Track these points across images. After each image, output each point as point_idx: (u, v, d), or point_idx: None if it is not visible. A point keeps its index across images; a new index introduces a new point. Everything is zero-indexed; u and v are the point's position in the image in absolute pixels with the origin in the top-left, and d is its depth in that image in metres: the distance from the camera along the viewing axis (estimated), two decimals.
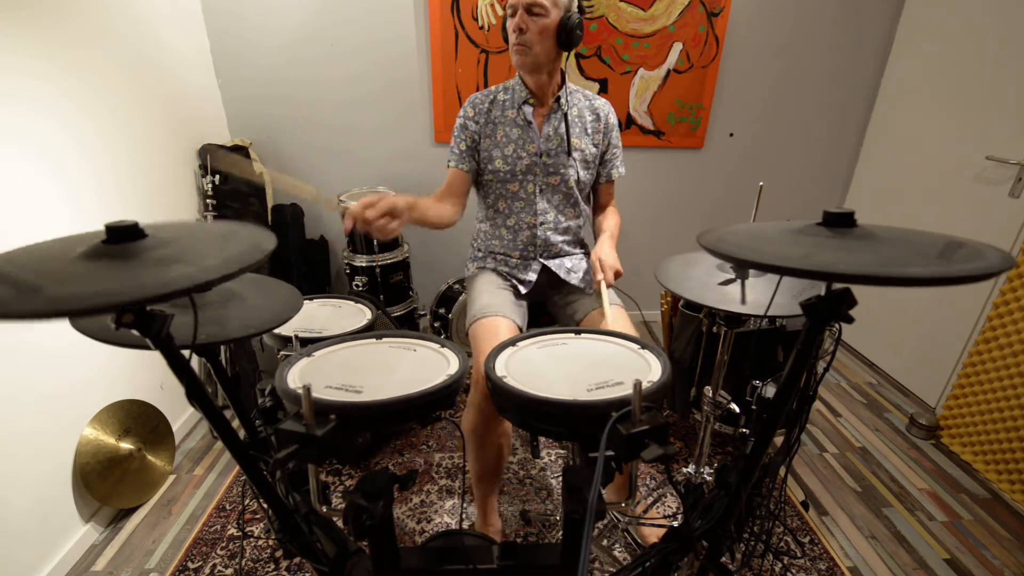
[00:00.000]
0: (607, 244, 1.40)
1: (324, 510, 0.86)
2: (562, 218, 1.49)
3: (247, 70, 2.25)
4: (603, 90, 2.41)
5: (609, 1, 2.25)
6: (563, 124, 1.41)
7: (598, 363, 0.90)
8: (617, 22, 2.29)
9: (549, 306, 1.57)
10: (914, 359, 2.31)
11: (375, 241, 2.15)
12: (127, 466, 1.59)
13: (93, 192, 1.55)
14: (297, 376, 0.86)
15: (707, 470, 1.49)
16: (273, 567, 1.43)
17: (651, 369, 0.87)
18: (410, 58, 2.29)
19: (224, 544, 1.50)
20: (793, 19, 2.36)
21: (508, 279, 1.52)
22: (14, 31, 1.30)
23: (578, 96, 1.46)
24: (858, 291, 0.60)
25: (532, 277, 1.50)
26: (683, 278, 1.12)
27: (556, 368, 0.89)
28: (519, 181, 1.43)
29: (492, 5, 2.20)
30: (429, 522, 1.60)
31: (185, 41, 2.05)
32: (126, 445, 1.59)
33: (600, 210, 1.58)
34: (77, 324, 0.77)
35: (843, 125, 2.60)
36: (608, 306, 1.27)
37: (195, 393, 0.69)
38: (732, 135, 2.58)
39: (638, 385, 0.69)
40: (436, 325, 2.21)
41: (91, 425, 1.51)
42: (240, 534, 1.54)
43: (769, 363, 1.64)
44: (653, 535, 1.46)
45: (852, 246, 0.61)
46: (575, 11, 1.29)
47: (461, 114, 1.45)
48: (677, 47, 2.35)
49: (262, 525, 1.57)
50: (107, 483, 1.52)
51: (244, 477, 0.77)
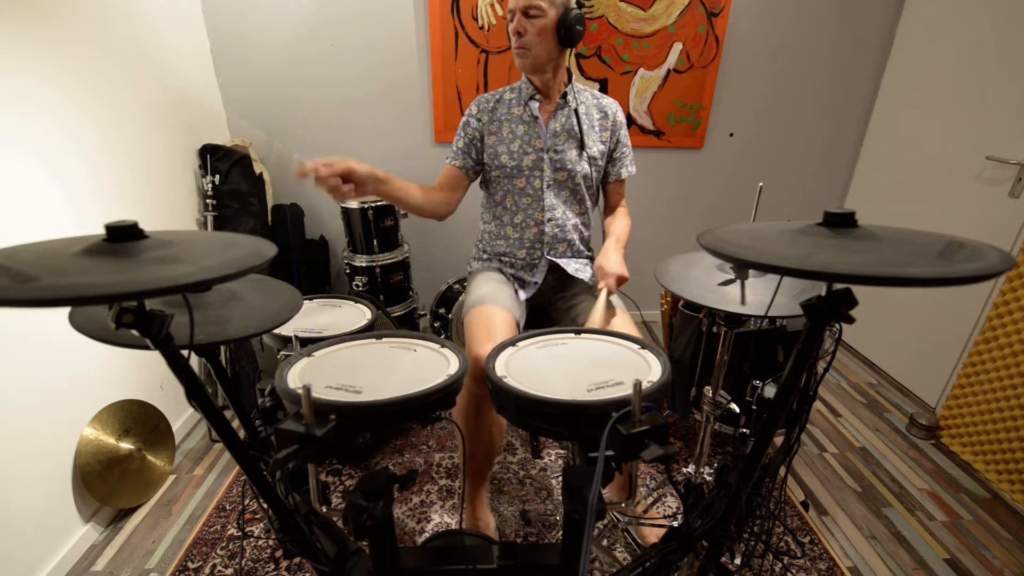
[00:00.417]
0: (612, 249, 1.36)
1: (324, 510, 0.86)
2: (570, 214, 1.49)
3: (247, 70, 2.25)
4: (603, 90, 2.41)
5: (609, 1, 2.25)
6: (570, 120, 1.42)
7: (598, 363, 0.90)
8: (617, 22, 2.29)
9: (551, 309, 1.57)
10: (914, 359, 2.31)
11: (375, 241, 2.15)
12: (127, 466, 1.59)
13: (93, 192, 1.55)
14: (297, 376, 0.86)
15: (707, 470, 1.49)
16: (273, 567, 1.43)
17: (651, 369, 0.87)
18: (410, 58, 2.29)
19: (224, 544, 1.50)
20: (793, 19, 2.36)
21: (511, 280, 1.51)
22: (14, 31, 1.30)
23: (585, 95, 1.46)
24: (858, 291, 0.60)
25: (539, 278, 1.50)
26: (683, 278, 1.12)
27: (556, 368, 0.89)
28: (526, 177, 1.44)
29: (492, 5, 2.20)
30: (429, 522, 1.60)
31: (185, 41, 2.05)
32: (126, 445, 1.59)
33: (610, 211, 1.56)
34: (77, 323, 0.77)
35: (843, 125, 2.60)
36: (601, 311, 1.22)
37: (195, 393, 0.69)
38: (732, 135, 2.58)
39: (638, 385, 0.69)
40: (436, 325, 2.21)
41: (91, 425, 1.51)
42: (240, 534, 1.54)
43: (769, 363, 1.64)
44: (653, 535, 1.45)
45: (852, 246, 0.61)
46: (573, 6, 1.29)
47: (466, 112, 1.47)
48: (677, 47, 2.35)
49: (262, 525, 1.57)
50: (107, 483, 1.52)
51: (244, 477, 0.77)
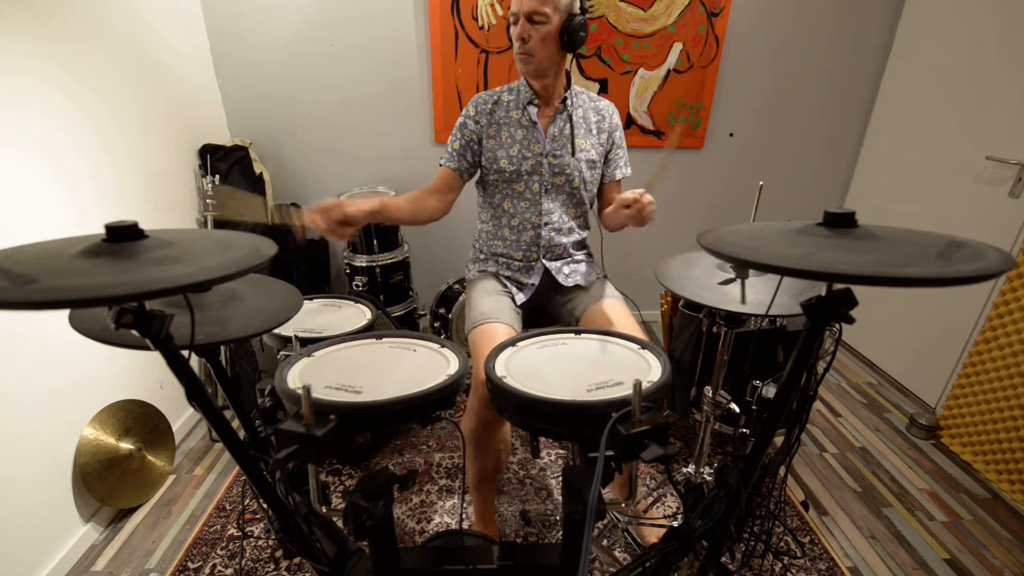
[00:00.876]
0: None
1: (324, 510, 0.86)
2: (567, 218, 1.49)
3: (247, 70, 2.25)
4: (603, 90, 2.41)
5: (609, 1, 2.25)
6: (568, 125, 1.41)
7: (598, 363, 0.90)
8: (617, 22, 2.29)
9: (551, 307, 1.57)
10: (914, 359, 2.31)
11: (375, 241, 2.15)
12: (127, 466, 1.58)
13: (93, 192, 1.55)
14: (297, 376, 0.86)
15: (707, 470, 1.49)
16: (273, 567, 1.43)
17: (651, 369, 0.87)
18: (410, 58, 2.29)
19: (224, 544, 1.50)
20: (793, 19, 2.36)
21: (507, 285, 1.51)
22: (14, 31, 1.30)
23: (583, 97, 1.46)
24: (858, 291, 0.60)
25: (535, 281, 1.50)
26: (683, 278, 1.12)
27: (556, 368, 0.89)
28: (524, 181, 1.44)
29: (492, 5, 2.20)
30: (429, 522, 1.60)
31: (185, 41, 2.05)
32: (126, 445, 1.59)
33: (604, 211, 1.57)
34: (77, 324, 0.77)
35: (843, 125, 2.60)
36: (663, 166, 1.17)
37: (195, 393, 0.69)
38: (732, 135, 2.58)
39: (638, 385, 0.69)
40: (436, 325, 2.21)
41: (91, 425, 1.51)
42: (240, 534, 1.54)
43: (769, 363, 1.64)
44: (653, 535, 1.45)
45: (852, 246, 0.61)
46: (578, 12, 1.29)
47: (463, 112, 1.46)
48: (677, 47, 2.35)
49: (262, 525, 1.57)
50: (107, 483, 1.52)
51: (244, 477, 0.77)
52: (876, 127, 2.55)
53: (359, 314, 1.40)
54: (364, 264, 2.17)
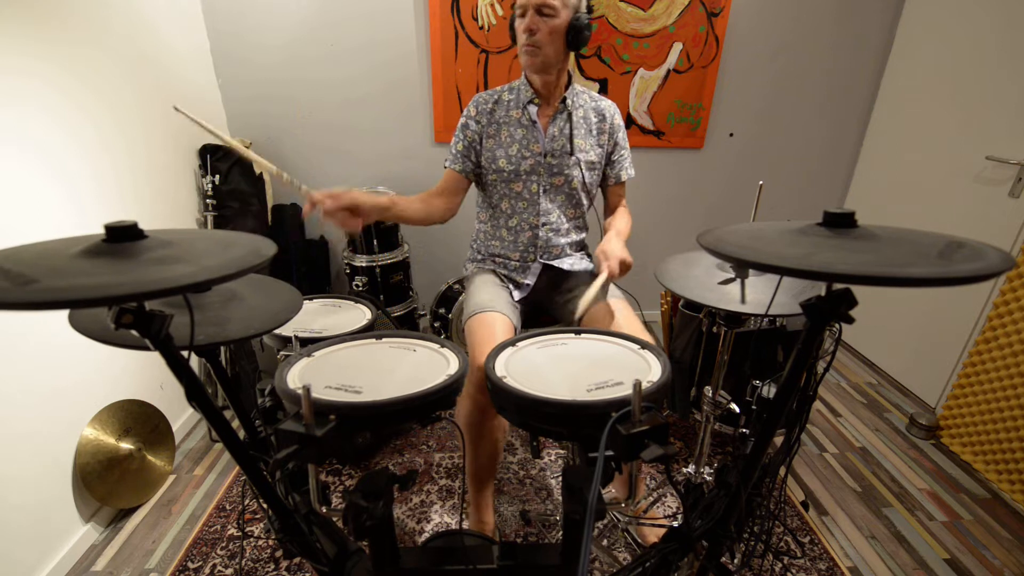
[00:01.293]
0: (614, 238, 1.35)
1: (324, 510, 0.86)
2: (564, 219, 1.49)
3: (247, 70, 2.25)
4: (603, 90, 2.41)
5: (609, 1, 2.25)
6: (568, 125, 1.41)
7: (598, 363, 0.90)
8: (617, 22, 2.29)
9: (549, 306, 1.57)
10: (914, 359, 2.31)
11: (375, 241, 2.15)
12: (127, 466, 1.59)
13: (93, 192, 1.55)
14: (297, 376, 0.86)
15: (707, 470, 1.49)
16: (273, 567, 1.43)
17: (651, 369, 0.87)
18: (410, 58, 2.29)
19: (224, 544, 1.50)
20: (793, 19, 2.36)
21: (506, 281, 1.51)
22: (14, 31, 1.30)
23: (584, 97, 1.46)
24: (858, 291, 0.60)
25: (531, 280, 1.50)
26: (683, 278, 1.12)
27: (556, 368, 0.89)
28: (523, 181, 1.43)
29: (492, 5, 2.20)
30: (429, 522, 1.60)
31: (185, 41, 2.05)
32: (126, 445, 1.59)
33: (610, 212, 1.57)
34: (77, 324, 0.77)
35: (843, 125, 2.60)
36: (594, 294, 1.17)
37: (195, 393, 0.69)
38: (732, 135, 2.58)
39: (638, 385, 0.69)
40: (436, 325, 2.20)
41: (91, 425, 1.51)
42: (240, 534, 1.54)
43: (769, 363, 1.64)
44: (653, 535, 1.45)
45: (852, 246, 0.61)
46: (584, 11, 1.29)
47: (464, 113, 1.45)
48: (677, 47, 2.35)
49: (262, 525, 1.57)
50: (107, 483, 1.52)
51: (244, 477, 0.77)
52: (876, 127, 2.55)
53: (359, 314, 1.40)
54: (364, 264, 2.17)
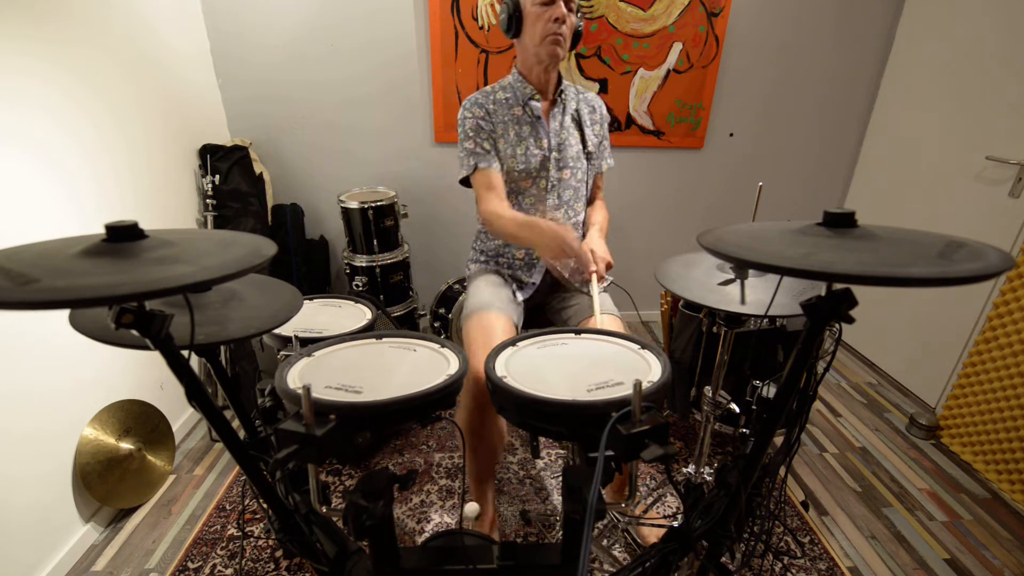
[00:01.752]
0: (597, 237, 1.42)
1: (324, 510, 0.86)
2: (570, 213, 1.49)
3: (247, 70, 2.25)
4: (603, 90, 2.41)
5: (609, 1, 2.25)
6: (566, 117, 1.44)
7: (598, 363, 0.90)
8: (617, 22, 2.29)
9: (546, 309, 1.57)
10: (914, 359, 2.31)
11: (375, 241, 2.15)
12: (127, 466, 1.58)
13: (93, 192, 1.55)
14: (297, 376, 0.86)
15: (707, 470, 1.49)
16: (273, 567, 1.43)
17: (651, 369, 0.87)
18: (410, 58, 2.29)
19: (224, 544, 1.50)
20: (793, 19, 2.36)
21: (510, 281, 1.51)
22: (14, 31, 1.30)
23: (571, 91, 1.49)
24: (858, 291, 0.60)
25: (536, 279, 1.50)
26: (683, 278, 1.12)
27: (556, 368, 0.89)
28: (532, 178, 1.43)
29: (492, 5, 2.20)
30: (429, 522, 1.60)
31: (185, 41, 2.05)
32: (126, 445, 1.59)
33: (589, 203, 1.58)
34: (77, 324, 0.77)
35: (843, 125, 2.60)
36: (597, 298, 1.25)
37: (195, 393, 0.69)
38: (732, 135, 2.58)
39: (638, 385, 0.69)
40: (436, 325, 2.20)
41: (91, 425, 1.51)
42: (240, 534, 1.54)
43: (769, 363, 1.64)
44: (653, 535, 1.45)
45: (852, 246, 0.61)
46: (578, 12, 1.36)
47: (470, 115, 1.40)
48: (677, 47, 2.35)
49: (262, 525, 1.57)
50: (107, 483, 1.52)
51: (244, 477, 0.77)
52: (876, 127, 2.55)
53: (359, 314, 1.40)
54: (364, 264, 2.17)
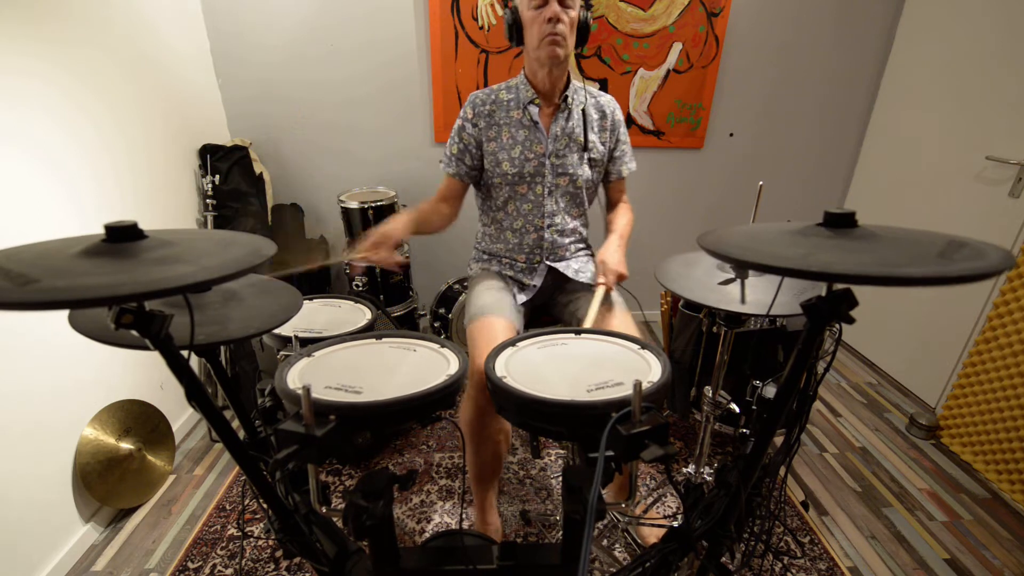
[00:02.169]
0: (615, 244, 1.39)
1: (324, 510, 0.86)
2: (568, 219, 1.48)
3: (247, 70, 2.25)
4: (603, 90, 2.39)
5: (609, 1, 2.25)
6: (570, 123, 1.40)
7: (598, 363, 0.90)
8: (617, 22, 2.29)
9: (553, 307, 1.57)
10: (914, 359, 2.30)
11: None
12: (127, 466, 1.58)
13: (93, 192, 1.55)
14: (297, 376, 0.86)
15: (707, 470, 1.49)
16: (273, 567, 1.43)
17: (651, 369, 0.87)
18: (410, 58, 2.29)
19: (224, 544, 1.50)
20: (793, 19, 2.36)
21: (511, 283, 1.51)
22: (14, 31, 1.30)
23: (582, 93, 1.44)
24: (858, 291, 0.60)
25: (537, 282, 1.49)
26: (683, 278, 1.12)
27: (556, 368, 0.89)
28: (528, 183, 1.42)
29: (492, 5, 2.20)
30: (429, 522, 1.60)
31: (185, 41, 2.05)
32: (126, 445, 1.59)
33: (611, 207, 1.57)
34: (77, 324, 0.77)
35: (843, 125, 2.60)
36: (595, 309, 1.24)
37: (195, 393, 0.69)
38: (732, 135, 2.58)
39: (638, 385, 0.69)
40: (436, 325, 2.21)
41: (91, 425, 1.51)
42: (240, 534, 1.54)
43: (769, 363, 1.64)
44: (653, 535, 1.45)
45: (852, 246, 0.61)
46: (587, 6, 1.31)
47: (461, 114, 1.43)
48: (677, 47, 2.35)
49: (262, 525, 1.57)
50: (107, 483, 1.52)
51: (244, 477, 0.77)
52: (876, 127, 2.55)
53: (359, 314, 1.40)
54: (364, 264, 2.17)
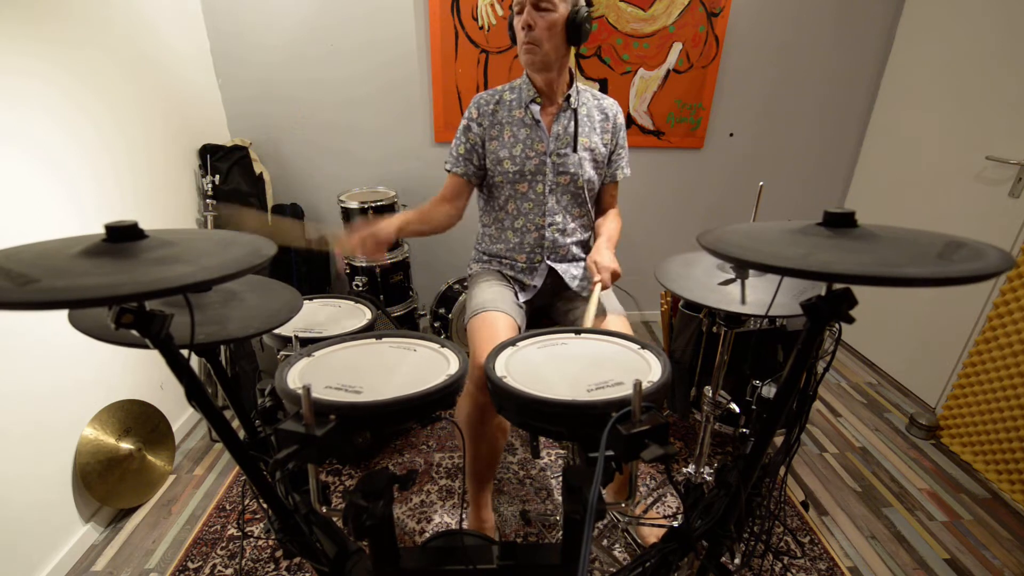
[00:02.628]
0: (604, 247, 1.38)
1: (324, 510, 0.86)
2: (570, 218, 1.48)
3: (247, 70, 2.25)
4: (603, 90, 2.40)
5: (609, 1, 2.25)
6: (573, 124, 1.40)
7: (598, 363, 0.90)
8: (617, 22, 2.29)
9: (552, 312, 1.57)
10: (914, 359, 2.31)
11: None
12: (127, 466, 1.59)
13: (93, 192, 1.55)
14: (297, 376, 0.86)
15: (707, 470, 1.49)
16: (273, 567, 1.43)
17: (651, 369, 0.87)
18: (410, 58, 2.29)
19: (224, 544, 1.50)
20: (793, 19, 2.36)
21: (512, 282, 1.51)
22: (14, 31, 1.30)
23: (586, 95, 1.45)
24: (858, 291, 0.60)
25: (538, 283, 1.49)
26: (683, 278, 1.12)
27: (556, 368, 0.89)
28: (528, 181, 1.42)
29: (492, 5, 2.20)
30: (429, 522, 1.60)
31: (185, 41, 2.05)
32: (126, 445, 1.59)
33: (601, 212, 1.57)
34: (77, 324, 0.77)
35: (843, 125, 2.60)
36: (593, 307, 1.21)
37: (195, 393, 0.69)
38: (732, 135, 2.58)
39: (638, 385, 0.69)
40: (436, 325, 2.21)
41: (91, 425, 1.51)
42: (240, 534, 1.54)
43: (769, 363, 1.64)
44: (653, 535, 1.45)
45: (852, 246, 0.61)
46: (583, 4, 1.28)
47: (466, 115, 1.44)
48: (677, 47, 2.35)
49: (262, 525, 1.57)
50: (107, 483, 1.52)
51: (244, 477, 0.77)
52: (876, 127, 2.55)
53: (359, 314, 1.40)
54: (364, 264, 2.17)
